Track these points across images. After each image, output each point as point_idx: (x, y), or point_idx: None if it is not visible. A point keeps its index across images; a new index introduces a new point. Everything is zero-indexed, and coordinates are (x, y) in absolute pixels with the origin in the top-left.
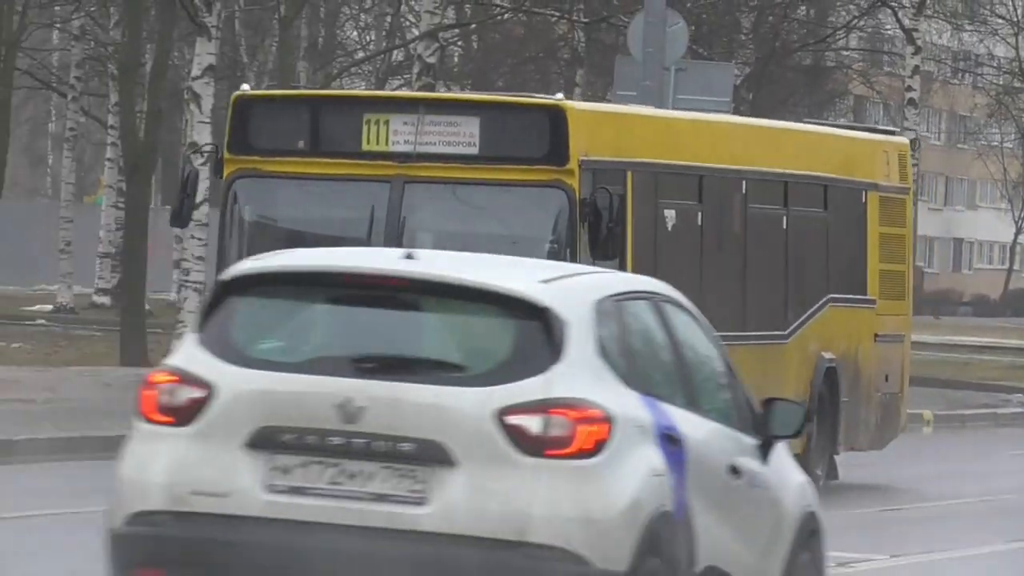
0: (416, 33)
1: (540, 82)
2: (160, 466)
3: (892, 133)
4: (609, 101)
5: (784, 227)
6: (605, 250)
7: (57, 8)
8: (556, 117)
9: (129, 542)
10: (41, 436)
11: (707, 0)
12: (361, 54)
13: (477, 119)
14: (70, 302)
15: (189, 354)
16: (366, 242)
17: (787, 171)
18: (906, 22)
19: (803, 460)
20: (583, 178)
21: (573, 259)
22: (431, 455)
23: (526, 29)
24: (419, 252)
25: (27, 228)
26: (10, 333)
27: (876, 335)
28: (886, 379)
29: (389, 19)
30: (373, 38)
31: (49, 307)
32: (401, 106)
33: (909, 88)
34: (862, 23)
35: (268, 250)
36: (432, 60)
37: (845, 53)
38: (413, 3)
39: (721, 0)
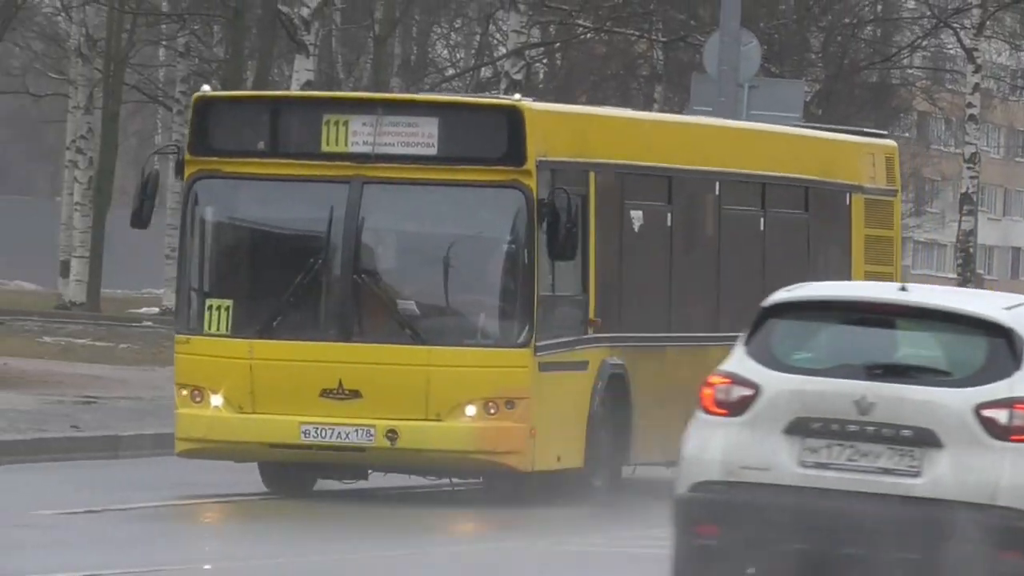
0: (504, 51)
1: (620, 98)
2: (717, 447)
3: (880, 136)
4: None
5: (761, 228)
6: (563, 250)
7: (163, 27)
8: (513, 118)
9: (692, 505)
10: (146, 432)
11: (779, 21)
12: (451, 71)
13: (436, 120)
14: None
15: (739, 362)
16: (325, 243)
17: (763, 173)
18: (967, 42)
19: None
20: (541, 178)
21: (531, 259)
22: (924, 439)
23: (607, 47)
24: (910, 285)
25: (135, 234)
26: (119, 334)
27: None
28: None
29: (478, 38)
30: (463, 56)
31: (156, 310)
32: (360, 107)
33: (970, 105)
34: (925, 43)
35: (228, 250)
36: (519, 77)
37: (909, 71)
38: (501, 23)
39: (792, 21)
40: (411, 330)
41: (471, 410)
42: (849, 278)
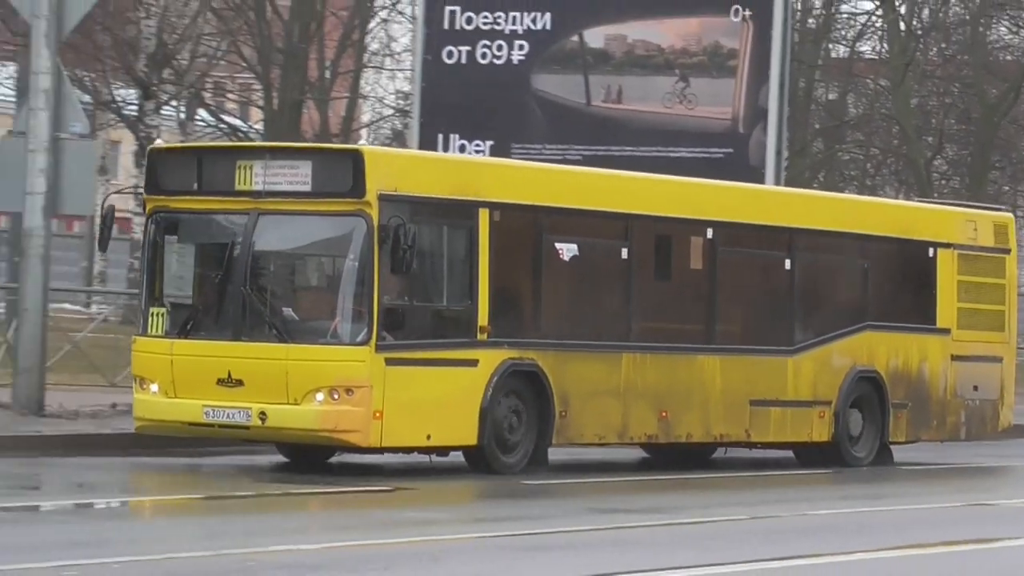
0: None
1: None
2: None
3: (996, 209)
4: None
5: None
6: (399, 267)
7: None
8: (356, 159)
9: None
10: None
11: None
12: None
13: (309, 162)
14: None
15: None
16: (228, 262)
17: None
18: None
19: (841, 446)
20: (381, 208)
21: (371, 274)
22: None
23: None
24: None
25: None
26: None
27: (952, 355)
28: (975, 388)
29: None
30: None
31: None
32: (259, 154)
33: None
34: None
35: (167, 268)
36: None
37: None
38: None
39: None
40: (277, 331)
41: (320, 396)
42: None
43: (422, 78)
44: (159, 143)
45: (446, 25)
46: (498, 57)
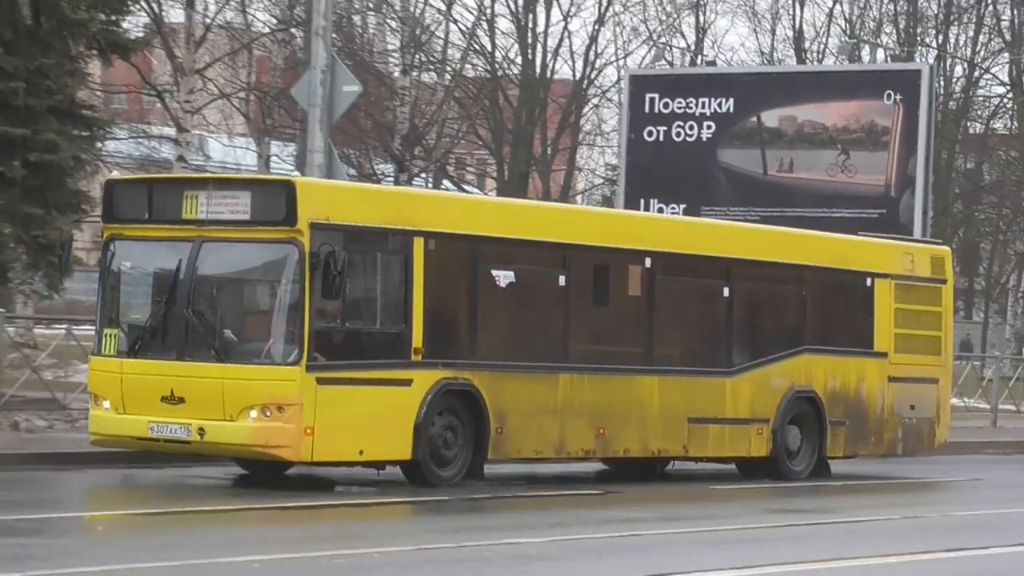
0: None
1: None
2: None
3: (934, 243)
4: None
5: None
6: (329, 292)
7: None
8: (288, 190)
9: None
10: None
11: None
12: None
13: (249, 193)
14: None
15: None
16: (173, 286)
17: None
18: None
19: (779, 460)
20: (312, 236)
21: (302, 298)
22: None
23: None
24: None
25: None
26: None
27: (889, 377)
28: (911, 407)
29: None
30: None
31: None
32: (203, 185)
33: None
34: None
35: (120, 292)
36: None
37: None
38: None
39: None
40: (215, 351)
41: (253, 413)
42: (869, 335)
43: (627, 153)
44: (115, 175)
45: (647, 109)
46: (690, 135)
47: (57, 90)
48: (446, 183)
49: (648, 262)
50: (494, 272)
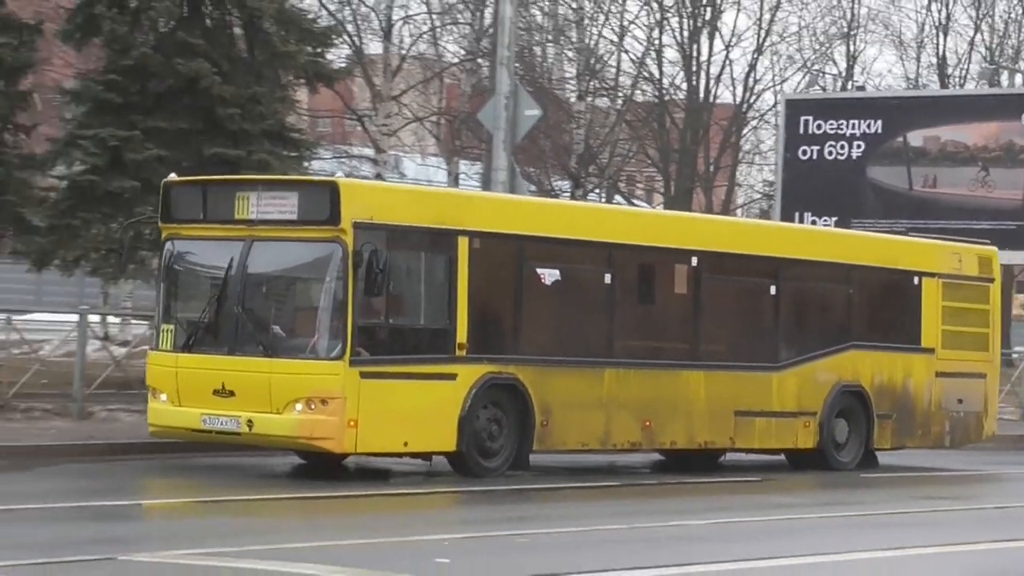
0: None
1: None
2: None
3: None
4: None
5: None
6: (371, 288)
7: None
8: (333, 191)
9: None
10: None
11: None
12: None
13: (296, 194)
14: None
15: None
16: (225, 283)
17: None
18: None
19: (826, 451)
20: (356, 235)
21: (346, 295)
22: None
23: None
24: None
25: None
26: None
27: (937, 372)
28: (959, 401)
29: None
30: None
31: None
32: (254, 186)
33: None
34: None
35: (176, 289)
36: None
37: None
38: None
39: None
40: (263, 346)
41: (299, 406)
42: (917, 331)
43: (783, 170)
44: (172, 177)
45: (801, 130)
46: (841, 154)
47: (269, 115)
48: (618, 198)
49: (694, 261)
50: (539, 270)
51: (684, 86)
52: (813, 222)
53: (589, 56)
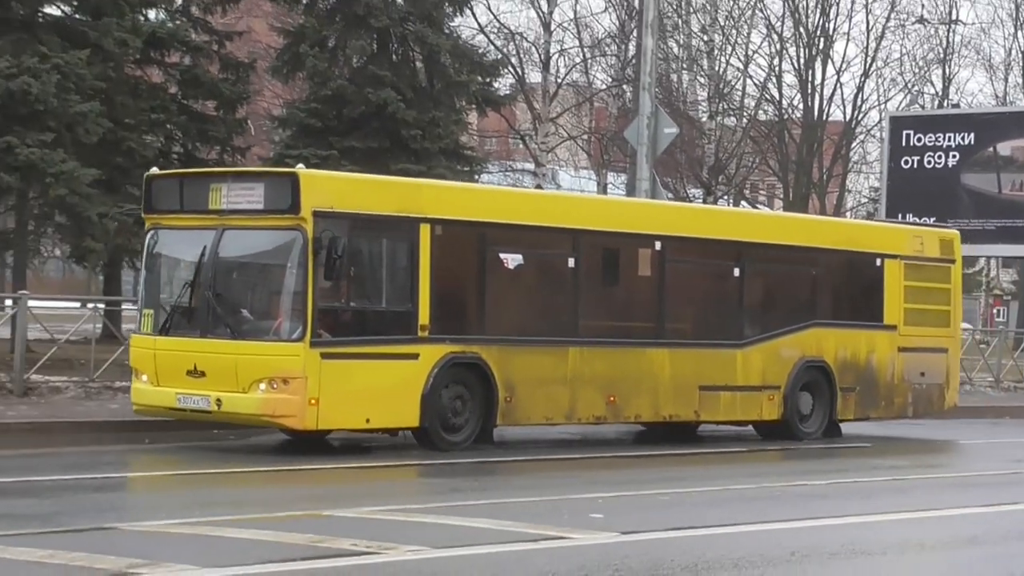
0: None
1: None
2: None
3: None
4: None
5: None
6: (331, 273)
7: None
8: (294, 182)
9: None
10: None
11: None
12: None
13: (262, 185)
14: None
15: None
16: (198, 270)
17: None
18: None
19: (791, 422)
20: (315, 223)
21: (306, 280)
22: None
23: None
24: None
25: None
26: None
27: (899, 347)
28: (921, 374)
29: None
30: None
31: None
32: (225, 178)
33: None
34: None
35: (155, 276)
36: None
37: None
38: None
39: None
40: (231, 329)
41: (262, 386)
42: (880, 309)
43: (887, 178)
44: (153, 171)
45: (903, 143)
46: (939, 163)
47: (445, 136)
48: (743, 203)
49: (658, 245)
50: (502, 255)
51: (801, 106)
52: (914, 222)
53: (718, 81)
